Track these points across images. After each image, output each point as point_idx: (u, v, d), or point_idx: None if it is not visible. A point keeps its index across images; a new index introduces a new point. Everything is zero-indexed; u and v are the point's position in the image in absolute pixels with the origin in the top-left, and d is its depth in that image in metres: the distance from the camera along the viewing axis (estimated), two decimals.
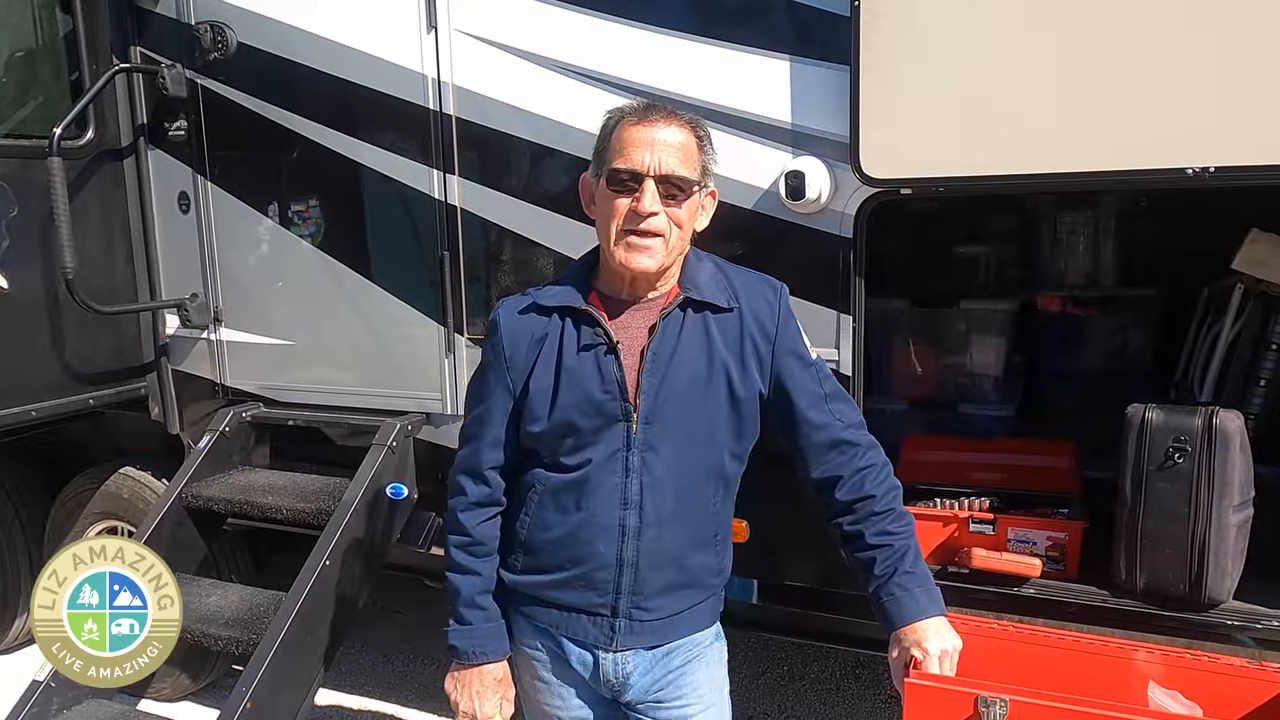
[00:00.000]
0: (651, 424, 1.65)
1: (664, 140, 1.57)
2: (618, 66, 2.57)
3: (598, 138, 1.67)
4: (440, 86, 2.81)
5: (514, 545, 1.76)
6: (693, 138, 1.62)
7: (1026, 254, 3.63)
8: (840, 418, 1.75)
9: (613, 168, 1.59)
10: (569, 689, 1.80)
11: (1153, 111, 2.04)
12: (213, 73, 3.17)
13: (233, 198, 3.25)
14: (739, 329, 1.70)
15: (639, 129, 1.58)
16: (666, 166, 1.57)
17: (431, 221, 2.90)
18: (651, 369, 1.64)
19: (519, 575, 1.76)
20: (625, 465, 1.65)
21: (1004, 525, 2.52)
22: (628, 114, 1.62)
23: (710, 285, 1.70)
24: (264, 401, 3.35)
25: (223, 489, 3.10)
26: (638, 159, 1.56)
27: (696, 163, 1.62)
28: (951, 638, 1.70)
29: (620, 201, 1.58)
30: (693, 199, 1.62)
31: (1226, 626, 2.20)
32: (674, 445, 1.66)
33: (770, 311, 1.73)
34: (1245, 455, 2.22)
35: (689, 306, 1.68)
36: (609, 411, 1.64)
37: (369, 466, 2.86)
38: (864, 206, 2.35)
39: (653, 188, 1.56)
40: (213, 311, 3.35)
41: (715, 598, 1.83)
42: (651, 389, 1.64)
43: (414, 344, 3.00)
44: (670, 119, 1.60)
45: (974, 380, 3.23)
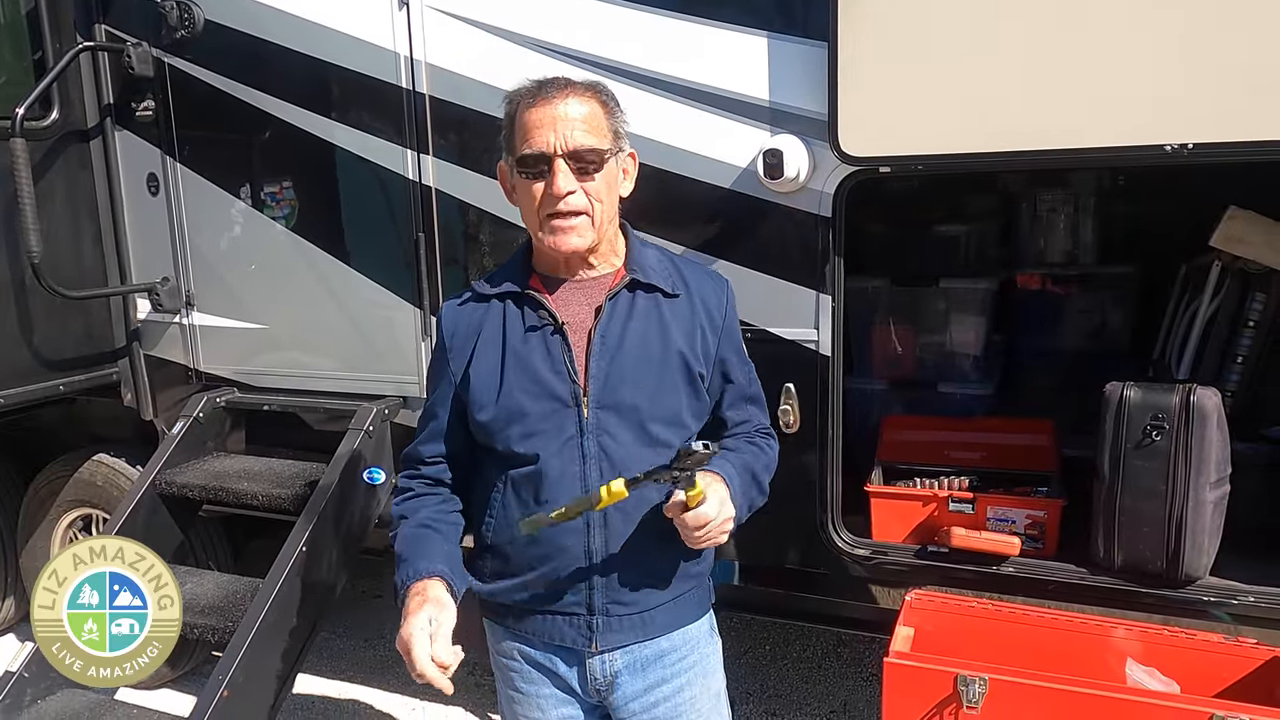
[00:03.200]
0: (604, 408, 1.59)
1: (565, 115, 1.51)
2: (593, 44, 2.53)
3: (503, 125, 1.62)
4: (413, 64, 2.76)
5: (482, 552, 1.71)
6: (597, 104, 1.56)
7: (1005, 232, 3.63)
8: (751, 419, 1.78)
9: (520, 154, 1.55)
10: (549, 700, 1.73)
11: (1132, 89, 2.03)
12: (180, 51, 3.11)
13: (203, 179, 3.19)
14: (689, 312, 1.67)
15: (537, 110, 1.52)
16: (573, 141, 1.51)
17: (406, 203, 2.86)
18: (599, 352, 1.60)
19: (490, 583, 1.71)
20: (581, 452, 1.59)
21: (983, 504, 2.52)
22: (525, 96, 1.55)
23: (657, 269, 1.67)
24: (238, 386, 3.30)
25: (197, 475, 3.05)
26: (542, 140, 1.51)
27: (605, 129, 1.56)
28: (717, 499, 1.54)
29: (535, 187, 1.54)
30: (608, 167, 1.56)
31: (1203, 602, 2.21)
32: (631, 429, 1.60)
33: (719, 302, 1.71)
34: (1222, 432, 2.22)
35: (637, 288, 1.65)
36: (557, 393, 1.59)
37: (345, 451, 2.83)
38: (843, 185, 2.33)
39: (564, 166, 1.51)
40: (184, 295, 3.30)
41: (700, 589, 1.76)
42: (600, 372, 1.60)
43: (390, 327, 2.96)
44: (567, 91, 1.54)
45: (953, 359, 3.22)
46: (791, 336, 2.45)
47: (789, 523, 2.50)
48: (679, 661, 1.72)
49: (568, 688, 1.72)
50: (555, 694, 1.73)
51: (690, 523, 1.48)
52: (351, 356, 3.07)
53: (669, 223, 2.49)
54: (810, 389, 2.46)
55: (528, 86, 1.57)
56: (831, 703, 3.49)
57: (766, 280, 2.46)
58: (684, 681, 1.73)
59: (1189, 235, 2.89)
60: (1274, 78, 1.92)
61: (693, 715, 1.74)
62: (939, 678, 1.66)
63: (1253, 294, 2.72)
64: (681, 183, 2.44)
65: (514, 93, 1.59)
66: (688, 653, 1.74)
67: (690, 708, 1.74)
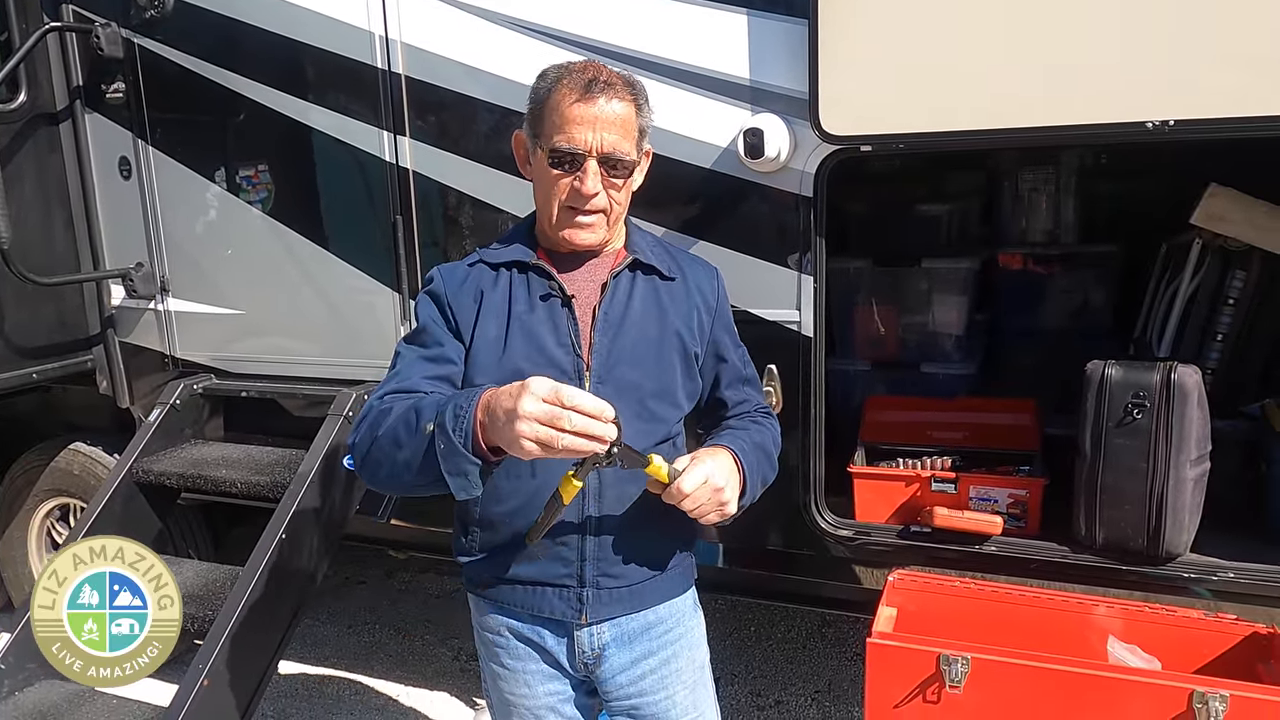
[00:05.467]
0: (604, 383, 1.61)
1: (606, 117, 1.53)
2: (573, 22, 2.50)
3: (532, 95, 1.61)
4: (389, 44, 2.72)
5: (469, 524, 1.71)
6: (632, 106, 1.58)
7: (987, 212, 3.62)
8: (748, 399, 1.81)
9: (554, 146, 1.54)
10: (535, 676, 1.72)
11: (1113, 65, 2.02)
12: (150, 32, 3.05)
13: (176, 163, 3.14)
14: (685, 294, 1.72)
15: (581, 106, 1.52)
16: (608, 145, 1.53)
17: (383, 185, 2.82)
18: (603, 327, 1.62)
19: (477, 556, 1.71)
20: None
21: (965, 484, 2.53)
22: (567, 85, 1.54)
23: (654, 252, 1.72)
24: (215, 373, 3.26)
25: (174, 463, 3.02)
26: (580, 138, 1.52)
27: (635, 131, 1.59)
28: (715, 465, 1.53)
29: (563, 180, 1.56)
30: (633, 176, 1.63)
31: (1183, 579, 2.22)
32: (630, 405, 1.61)
33: (711, 287, 1.77)
34: (1203, 410, 2.23)
35: (638, 269, 1.68)
36: (560, 365, 1.59)
37: (325, 437, 2.80)
38: (824, 164, 2.31)
39: (594, 168, 1.53)
40: (159, 281, 3.25)
41: (686, 564, 1.79)
42: (603, 347, 1.62)
43: (369, 311, 2.93)
44: (610, 92, 1.54)
45: (935, 340, 3.22)
46: (774, 318, 2.44)
47: (772, 504, 2.45)
48: (666, 634, 1.74)
49: (555, 662, 1.72)
50: (542, 669, 1.73)
51: (675, 498, 1.48)
52: (330, 342, 3.03)
53: (649, 204, 2.46)
54: (792, 370, 2.45)
55: (573, 76, 1.55)
56: (816, 683, 3.50)
57: (748, 261, 2.44)
58: (670, 654, 1.75)
59: (1169, 214, 2.89)
60: (1255, 52, 1.91)
61: (679, 686, 1.76)
62: (921, 657, 1.66)
63: (1233, 272, 2.73)
64: (662, 163, 2.39)
65: (554, 76, 1.57)
66: (674, 625, 1.75)
67: (676, 679, 1.76)
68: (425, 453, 1.39)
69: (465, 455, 1.35)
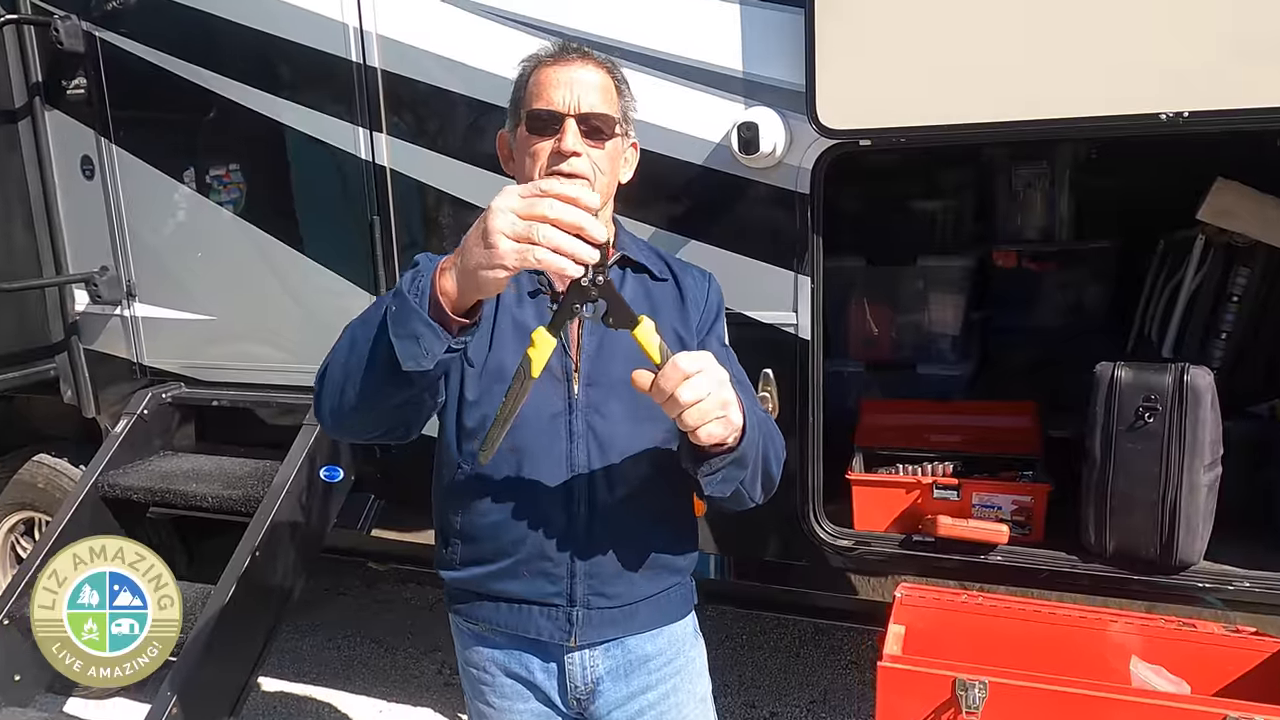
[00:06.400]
0: (594, 385, 1.51)
1: (582, 79, 1.49)
2: (557, 13, 2.39)
3: (513, 88, 1.56)
4: (363, 36, 2.60)
5: (449, 536, 1.59)
6: (610, 80, 1.53)
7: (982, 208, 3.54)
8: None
9: (531, 110, 1.49)
10: (523, 715, 1.60)
11: (1126, 55, 1.93)
12: (112, 25, 2.92)
13: (141, 162, 3.01)
14: (677, 296, 1.62)
15: (555, 69, 1.49)
16: (587, 104, 1.47)
17: (359, 184, 2.70)
18: (591, 326, 1.52)
19: (459, 570, 1.59)
20: (569, 429, 1.50)
21: (968, 490, 2.44)
22: (543, 57, 1.53)
23: (645, 253, 1.64)
24: (185, 381, 3.13)
25: (142, 477, 2.89)
26: (558, 98, 1.47)
27: (616, 105, 1.54)
28: (695, 359, 1.24)
29: (541, 145, 1.48)
30: (615, 141, 1.53)
31: (1197, 589, 2.14)
32: (622, 409, 1.51)
33: (702, 291, 1.66)
34: (1215, 413, 2.15)
35: (627, 265, 1.60)
36: (549, 366, 1.44)
37: (300, 448, 2.68)
38: (821, 159, 2.22)
39: (574, 127, 1.46)
40: (125, 285, 3.12)
41: (684, 586, 1.67)
42: (592, 347, 1.52)
43: (345, 316, 2.75)
44: (587, 59, 1.52)
45: (931, 339, 3.14)
46: (770, 320, 2.34)
47: (768, 513, 2.38)
48: (664, 666, 1.62)
49: (546, 699, 1.60)
50: (531, 708, 1.60)
51: (670, 382, 1.21)
52: (305, 347, 2.90)
53: (638, 203, 2.37)
54: (790, 374, 2.35)
55: (546, 48, 1.55)
56: (811, 692, 3.41)
57: (742, 262, 2.34)
58: (669, 688, 1.63)
59: (1166, 209, 2.82)
60: (1275, 40, 1.83)
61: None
62: (936, 681, 1.57)
63: (1237, 268, 2.66)
64: (651, 160, 2.29)
65: (531, 55, 1.55)
66: (673, 656, 1.63)
67: (676, 714, 1.64)
68: (379, 336, 1.22)
69: (417, 312, 1.18)
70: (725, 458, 1.33)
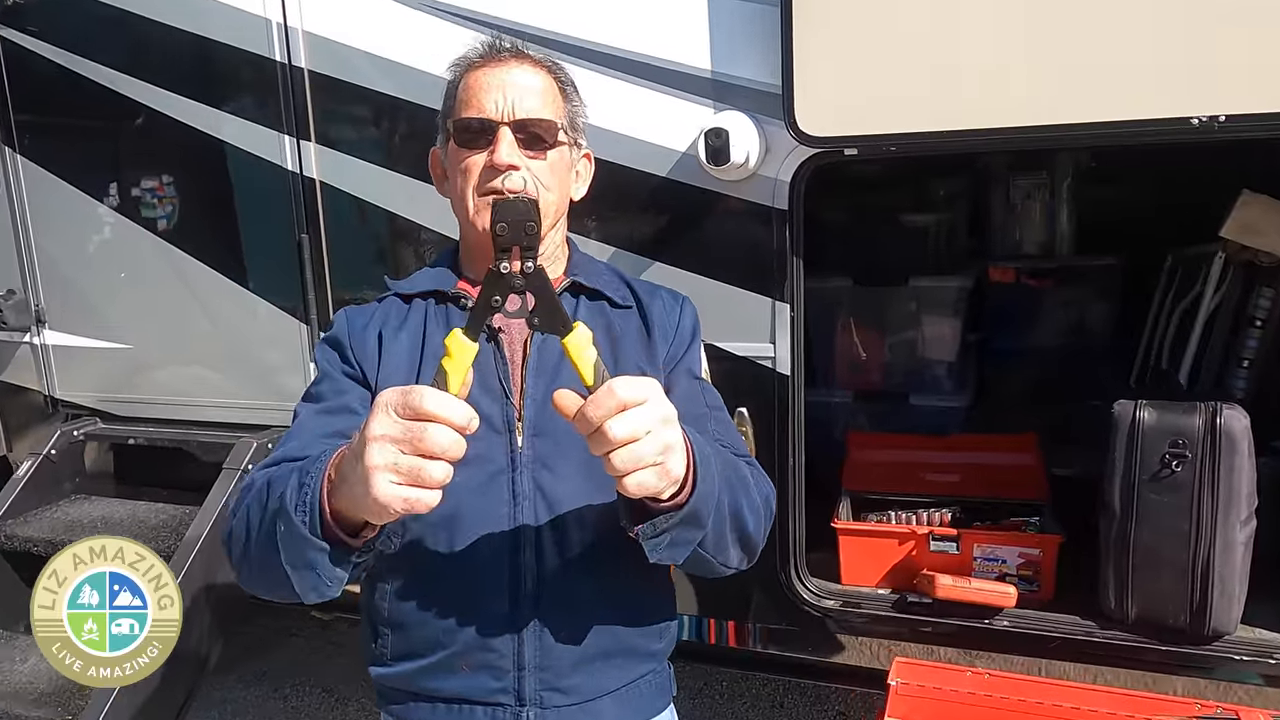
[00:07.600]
0: (541, 436, 1.25)
1: (517, 82, 1.30)
2: (502, 7, 2.13)
3: (443, 98, 1.36)
4: (288, 33, 2.33)
5: (378, 625, 1.32)
6: (552, 81, 1.35)
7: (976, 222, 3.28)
8: (719, 439, 1.32)
9: (459, 119, 1.28)
10: None
11: (1150, 52, 1.66)
12: (13, 21, 2.66)
13: (49, 174, 2.73)
14: (641, 326, 1.37)
15: (485, 72, 1.31)
16: (523, 109, 1.29)
17: (285, 199, 2.43)
18: (537, 368, 1.27)
19: (389, 666, 1.31)
20: (512, 490, 1.24)
21: (969, 541, 2.18)
22: (472, 59, 1.34)
23: (603, 277, 1.39)
24: (101, 416, 2.84)
25: (44, 527, 2.58)
26: (489, 104, 1.29)
27: (560, 110, 1.34)
28: (635, 384, 0.97)
29: (473, 159, 1.29)
30: (560, 152, 1.33)
31: (1234, 662, 1.88)
32: (575, 463, 1.24)
33: (673, 318, 1.40)
34: (1251, 460, 1.89)
35: (581, 293, 1.36)
36: (488, 415, 1.22)
37: (218, 496, 2.39)
38: (800, 171, 1.95)
39: (509, 136, 1.28)
40: (34, 311, 2.83)
41: (659, 673, 1.39)
42: (538, 392, 1.26)
43: (271, 345, 2.53)
44: (522, 59, 1.34)
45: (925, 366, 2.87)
46: (744, 353, 2.07)
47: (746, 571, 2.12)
48: None
49: None
50: None
51: (595, 412, 0.94)
52: (229, 380, 2.63)
53: (594, 220, 2.10)
54: (767, 413, 2.08)
55: (476, 49, 1.36)
56: None
57: (712, 286, 2.07)
58: None
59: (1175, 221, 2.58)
60: None
61: None
62: None
63: (1260, 289, 2.41)
64: (607, 171, 2.03)
65: (459, 58, 1.38)
66: None
67: None
68: (274, 554, 1.05)
69: (307, 538, 1.00)
70: (672, 516, 1.04)
